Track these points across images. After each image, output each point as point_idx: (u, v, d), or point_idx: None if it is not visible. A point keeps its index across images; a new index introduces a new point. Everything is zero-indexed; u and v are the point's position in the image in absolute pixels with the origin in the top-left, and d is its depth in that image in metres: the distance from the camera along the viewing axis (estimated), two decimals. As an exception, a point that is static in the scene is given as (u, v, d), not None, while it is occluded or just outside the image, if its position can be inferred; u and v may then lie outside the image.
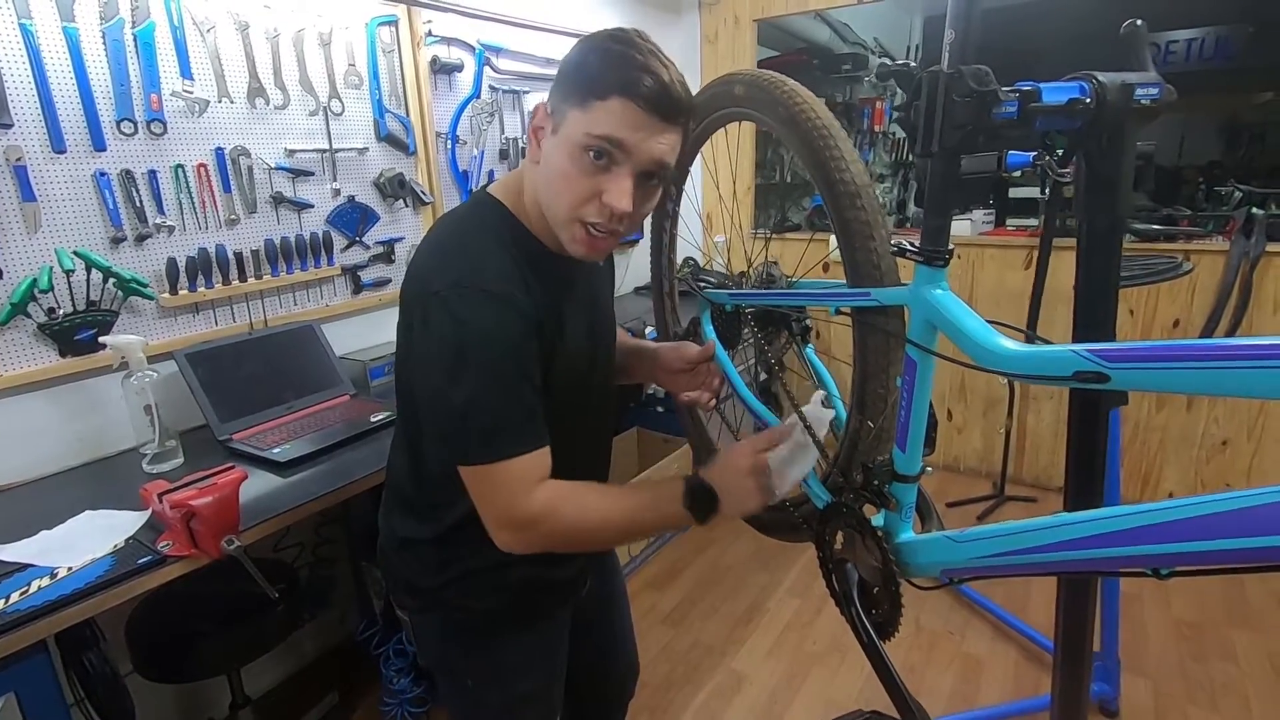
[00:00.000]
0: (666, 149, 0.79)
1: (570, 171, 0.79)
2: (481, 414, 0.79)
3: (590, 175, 0.79)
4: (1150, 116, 0.72)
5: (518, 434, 0.81)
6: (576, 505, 0.84)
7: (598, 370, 0.99)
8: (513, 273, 0.83)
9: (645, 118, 0.76)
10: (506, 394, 0.80)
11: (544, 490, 0.82)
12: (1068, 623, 1.02)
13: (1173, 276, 1.80)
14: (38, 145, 1.42)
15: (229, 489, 1.17)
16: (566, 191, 0.80)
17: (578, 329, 0.92)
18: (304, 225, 1.92)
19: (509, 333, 0.80)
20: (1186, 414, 2.69)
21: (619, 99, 0.75)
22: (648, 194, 0.83)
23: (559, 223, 0.83)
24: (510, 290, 0.81)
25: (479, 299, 0.80)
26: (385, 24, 2.03)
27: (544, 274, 0.87)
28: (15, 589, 1.05)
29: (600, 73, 0.77)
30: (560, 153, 0.80)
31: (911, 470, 0.78)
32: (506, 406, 0.80)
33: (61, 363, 1.50)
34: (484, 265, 0.83)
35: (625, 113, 0.76)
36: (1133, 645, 2.06)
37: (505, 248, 0.85)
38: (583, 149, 0.78)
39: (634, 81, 0.75)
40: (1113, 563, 0.54)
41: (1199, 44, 4.47)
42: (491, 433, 0.80)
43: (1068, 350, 0.56)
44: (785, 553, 2.61)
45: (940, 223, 0.72)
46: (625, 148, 0.77)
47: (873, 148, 4.56)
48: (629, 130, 0.76)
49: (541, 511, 0.82)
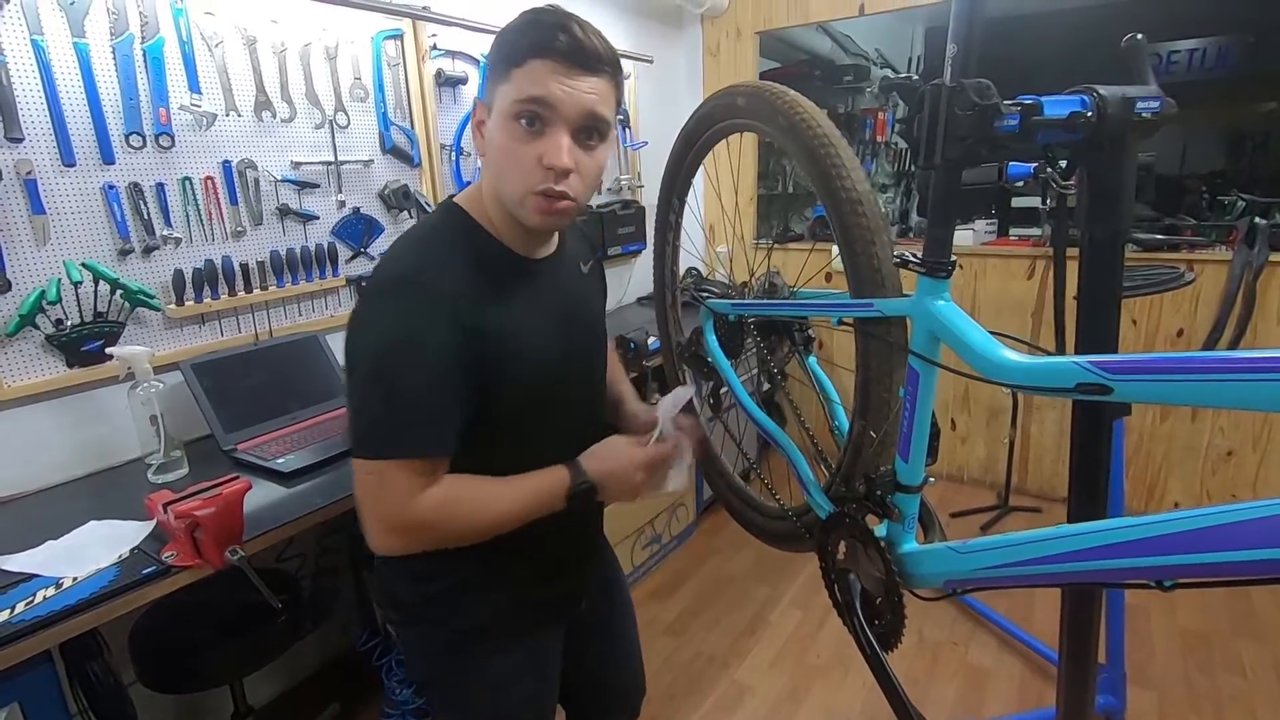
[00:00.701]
0: (595, 98, 0.80)
1: (509, 145, 0.80)
2: (376, 409, 0.78)
3: (528, 143, 0.80)
4: (1151, 129, 0.72)
5: (414, 434, 0.79)
6: (467, 510, 0.84)
7: (571, 370, 0.96)
8: (456, 274, 0.83)
9: (564, 70, 0.77)
10: (408, 393, 0.78)
11: (433, 494, 0.81)
12: (1072, 634, 1.01)
13: (1175, 287, 1.80)
14: (48, 158, 1.44)
15: (233, 499, 1.17)
16: (511, 166, 0.81)
17: (539, 328, 0.90)
18: (309, 237, 1.93)
19: (426, 333, 0.79)
20: (1191, 424, 2.68)
21: (535, 60, 0.77)
22: (590, 151, 0.83)
23: (514, 202, 0.83)
24: (441, 291, 0.81)
25: (404, 297, 0.80)
26: (391, 38, 2.05)
27: (500, 274, 0.87)
28: (21, 599, 1.05)
29: (515, 42, 0.79)
30: (497, 131, 0.81)
31: (914, 480, 0.78)
32: (405, 405, 0.78)
33: (69, 373, 1.51)
34: (423, 265, 0.83)
35: (544, 70, 0.77)
36: (1138, 657, 2.05)
37: (457, 250, 0.85)
38: (514, 118, 0.79)
39: (546, 40, 0.77)
40: (1116, 575, 0.54)
41: (1200, 54, 4.49)
42: (385, 429, 0.78)
43: (1070, 362, 0.57)
44: (788, 564, 2.60)
45: (943, 234, 0.73)
46: (551, 104, 0.78)
47: (875, 158, 4.58)
48: (550, 86, 0.77)
49: (431, 516, 0.81)
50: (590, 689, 1.22)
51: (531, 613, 1.03)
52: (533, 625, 1.04)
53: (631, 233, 3.11)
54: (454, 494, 0.83)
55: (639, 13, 3.08)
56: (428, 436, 0.80)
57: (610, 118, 0.83)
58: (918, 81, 0.69)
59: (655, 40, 3.20)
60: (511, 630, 1.01)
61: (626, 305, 3.24)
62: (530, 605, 1.02)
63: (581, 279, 1.04)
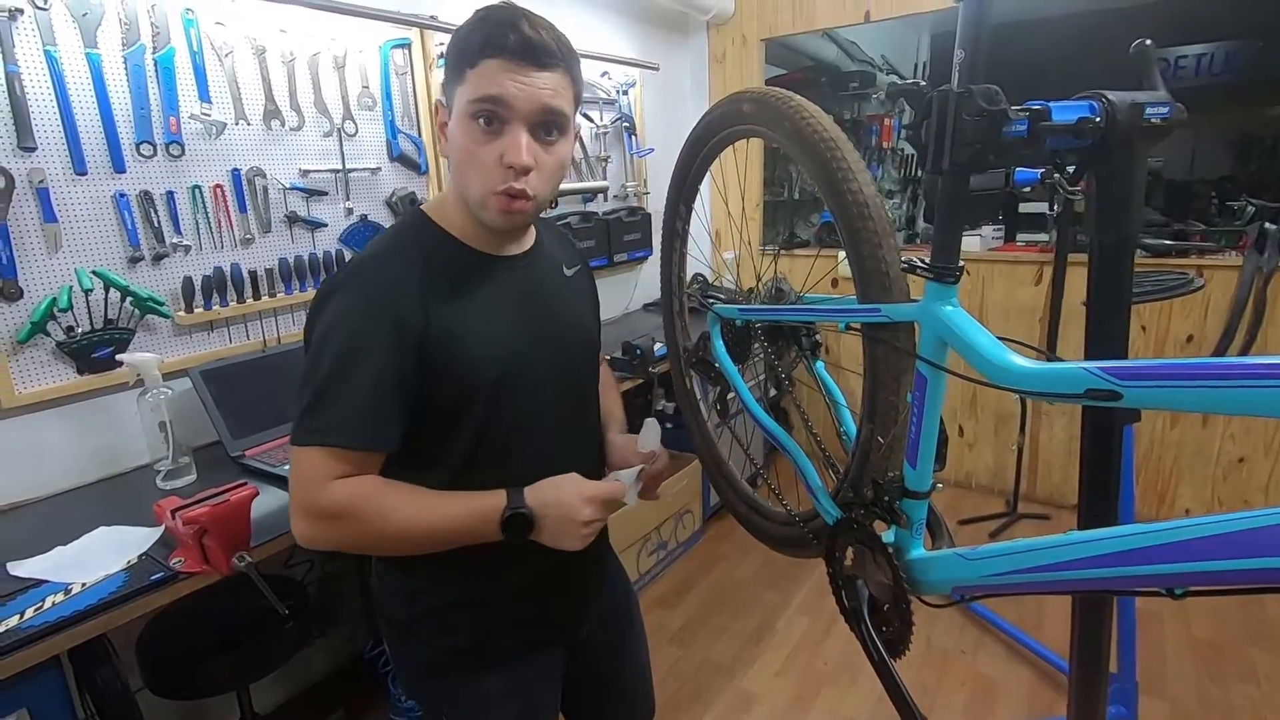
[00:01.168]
0: (549, 93, 0.80)
1: (468, 146, 0.81)
2: (305, 395, 0.80)
3: (487, 143, 0.81)
4: (1160, 135, 0.72)
5: (335, 423, 0.80)
6: (377, 508, 0.81)
7: (543, 363, 0.94)
8: (403, 276, 0.84)
9: (517, 67, 0.78)
10: (335, 384, 0.80)
11: (346, 486, 0.80)
12: (1083, 642, 1.00)
13: (1184, 292, 1.79)
14: (60, 168, 1.45)
15: (241, 505, 1.18)
16: (471, 167, 0.82)
17: (501, 321, 0.90)
18: (317, 244, 1.94)
19: (359, 327, 0.80)
20: (1202, 430, 2.66)
21: (487, 59, 0.78)
22: (549, 147, 0.84)
23: (476, 202, 0.85)
24: (380, 288, 0.82)
25: (344, 289, 0.82)
26: (398, 47, 2.07)
27: (456, 272, 0.87)
28: (30, 605, 1.06)
29: (467, 40, 0.80)
30: (457, 132, 0.82)
31: (922, 487, 0.77)
32: (330, 395, 0.80)
33: (79, 380, 1.52)
34: (370, 265, 0.85)
35: (497, 69, 0.78)
36: (1150, 666, 2.03)
37: (412, 252, 0.86)
38: (471, 119, 0.80)
39: (498, 38, 0.78)
40: (1126, 582, 0.54)
41: (1209, 59, 4.47)
42: (308, 416, 0.80)
43: (1079, 367, 0.56)
44: (795, 571, 2.59)
45: (950, 239, 0.73)
46: (506, 102, 0.79)
47: (881, 164, 4.58)
48: (504, 83, 0.78)
49: (337, 508, 0.80)
50: (596, 714, 1.20)
51: (522, 635, 1.00)
52: (523, 649, 1.01)
53: (638, 239, 3.11)
54: (369, 492, 0.82)
55: (645, 20, 3.09)
56: (345, 428, 0.80)
57: (568, 111, 0.84)
58: (925, 87, 0.69)
59: (661, 48, 3.22)
60: (499, 652, 0.99)
61: (633, 311, 3.25)
62: (521, 627, 1.00)
63: (563, 279, 1.03)
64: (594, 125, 2.83)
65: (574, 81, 0.86)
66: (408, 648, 1.01)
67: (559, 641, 1.07)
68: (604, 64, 2.84)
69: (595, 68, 2.81)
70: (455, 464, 0.89)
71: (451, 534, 0.84)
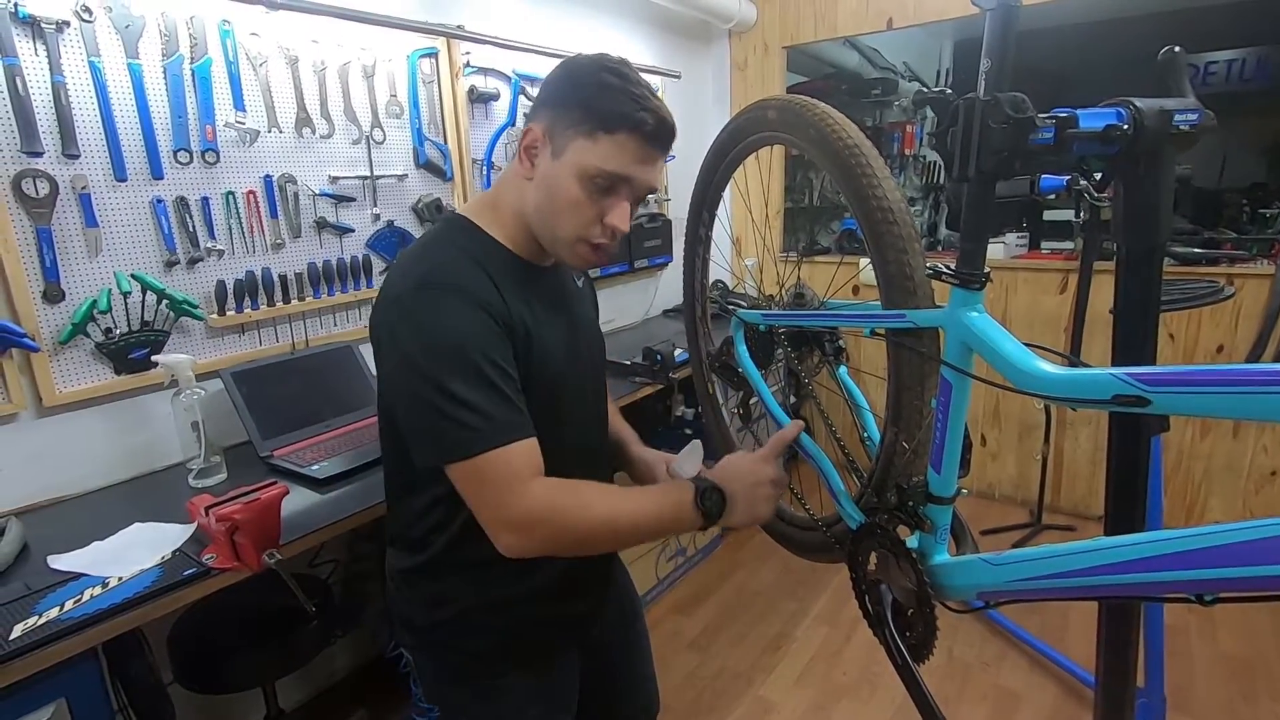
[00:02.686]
0: (658, 175, 0.90)
1: (575, 196, 0.85)
2: (459, 406, 0.77)
3: (596, 202, 0.86)
4: (1189, 142, 0.72)
5: (501, 423, 0.78)
6: (578, 502, 0.80)
7: (580, 369, 0.99)
8: (475, 272, 0.85)
9: (648, 152, 0.85)
10: (482, 384, 0.78)
11: (540, 485, 0.79)
12: (1109, 656, 0.99)
13: (1214, 301, 1.76)
14: (101, 174, 1.50)
15: (271, 504, 1.20)
16: (574, 216, 0.86)
17: (550, 333, 0.92)
18: (345, 249, 1.98)
19: (475, 325, 0.80)
20: (1233, 441, 2.61)
21: (626, 134, 0.82)
22: (636, 211, 0.91)
23: (558, 240, 0.88)
24: (473, 286, 0.83)
25: (441, 294, 0.81)
26: (426, 56, 2.10)
27: (510, 279, 0.89)
28: (69, 597, 1.09)
29: (606, 107, 0.82)
30: (567, 179, 0.84)
31: (946, 492, 0.77)
32: (484, 396, 0.78)
33: (116, 380, 1.56)
34: (445, 266, 0.85)
35: (632, 147, 0.83)
36: (1179, 681, 1.99)
37: (467, 253, 0.87)
38: (589, 178, 0.84)
39: (639, 118, 0.82)
40: (1154, 588, 0.53)
41: (1239, 65, 4.40)
42: (473, 424, 0.77)
43: (1107, 373, 0.56)
44: (814, 579, 2.58)
45: (975, 246, 0.73)
46: (630, 180, 0.85)
47: (903, 171, 4.56)
48: (635, 165, 0.85)
49: (541, 508, 0.78)
50: (608, 713, 1.21)
51: (543, 637, 1.02)
52: (546, 650, 1.03)
53: (658, 245, 3.13)
54: (563, 488, 0.81)
55: (667, 28, 3.11)
56: (518, 421, 0.80)
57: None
58: (951, 95, 0.69)
59: (683, 56, 3.24)
60: (522, 655, 1.01)
61: (653, 317, 3.26)
62: (543, 629, 1.01)
63: (578, 291, 1.08)
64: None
65: None
66: (431, 653, 1.03)
67: (577, 641, 1.09)
68: (626, 72, 2.86)
69: (618, 76, 2.83)
70: None
71: (656, 524, 0.85)
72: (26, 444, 1.46)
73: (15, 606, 1.07)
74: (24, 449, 1.46)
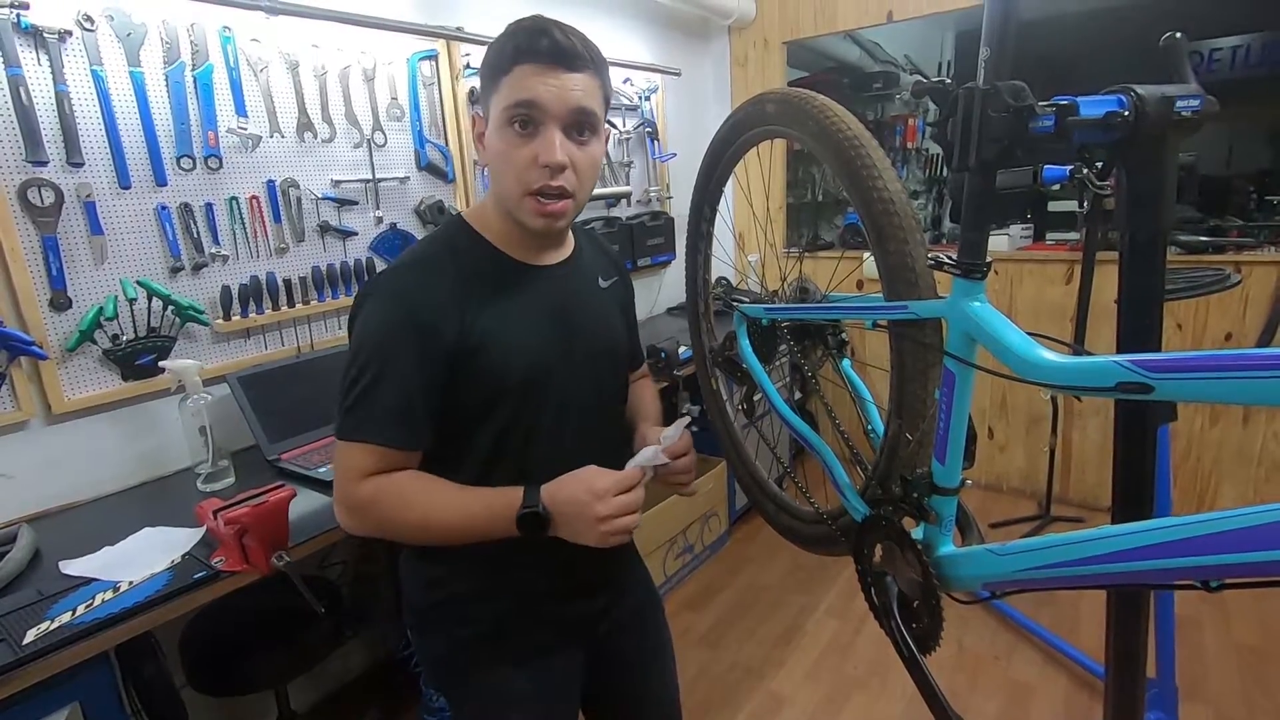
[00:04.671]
0: (580, 93, 0.84)
1: (504, 149, 0.85)
2: (347, 395, 0.86)
3: (521, 145, 0.84)
4: (1192, 129, 0.71)
5: (366, 422, 0.86)
6: (399, 499, 0.86)
7: (571, 371, 0.96)
8: (431, 281, 0.88)
9: (549, 70, 0.82)
10: (369, 386, 0.85)
11: (370, 483, 0.86)
12: (1119, 646, 0.98)
13: (1220, 289, 1.75)
14: (105, 182, 1.51)
15: (279, 506, 1.21)
16: (507, 169, 0.86)
17: (531, 328, 0.93)
18: (348, 252, 1.99)
19: (386, 331, 0.86)
20: (1243, 429, 2.59)
21: (520, 65, 0.83)
22: (583, 146, 0.87)
23: (513, 204, 0.88)
24: (411, 292, 0.87)
25: (379, 295, 0.88)
26: (426, 59, 2.11)
27: (491, 278, 0.91)
28: (81, 602, 1.10)
29: (500, 52, 0.84)
30: (494, 138, 0.86)
31: (951, 483, 0.77)
32: (365, 395, 0.85)
33: (123, 386, 1.57)
34: (397, 270, 0.90)
35: (529, 73, 0.82)
36: (1191, 672, 1.98)
37: (448, 258, 0.91)
38: (507, 124, 0.84)
39: (529, 44, 0.82)
40: (1160, 575, 0.53)
41: (1244, 51, 4.36)
42: (347, 414, 0.86)
43: (1110, 361, 0.56)
44: (823, 573, 2.57)
45: (977, 236, 0.73)
46: (540, 105, 0.83)
47: (905, 164, 4.54)
48: (536, 87, 0.82)
49: (366, 500, 0.86)
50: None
51: (540, 631, 1.01)
52: (542, 646, 1.02)
53: (661, 243, 3.13)
54: (396, 483, 0.87)
55: (666, 26, 3.11)
56: (377, 427, 0.86)
57: (598, 111, 0.88)
58: (951, 85, 0.69)
59: (683, 52, 3.23)
60: (517, 647, 1.00)
61: (657, 315, 3.26)
62: (539, 623, 1.01)
63: (596, 291, 1.05)
64: (617, 131, 2.85)
65: (603, 85, 0.90)
66: (428, 638, 1.04)
67: (577, 641, 1.06)
68: (626, 70, 2.86)
69: (617, 74, 2.83)
70: (479, 462, 0.93)
71: (468, 529, 0.87)
72: (36, 451, 1.48)
73: (28, 612, 1.08)
74: (34, 456, 1.47)
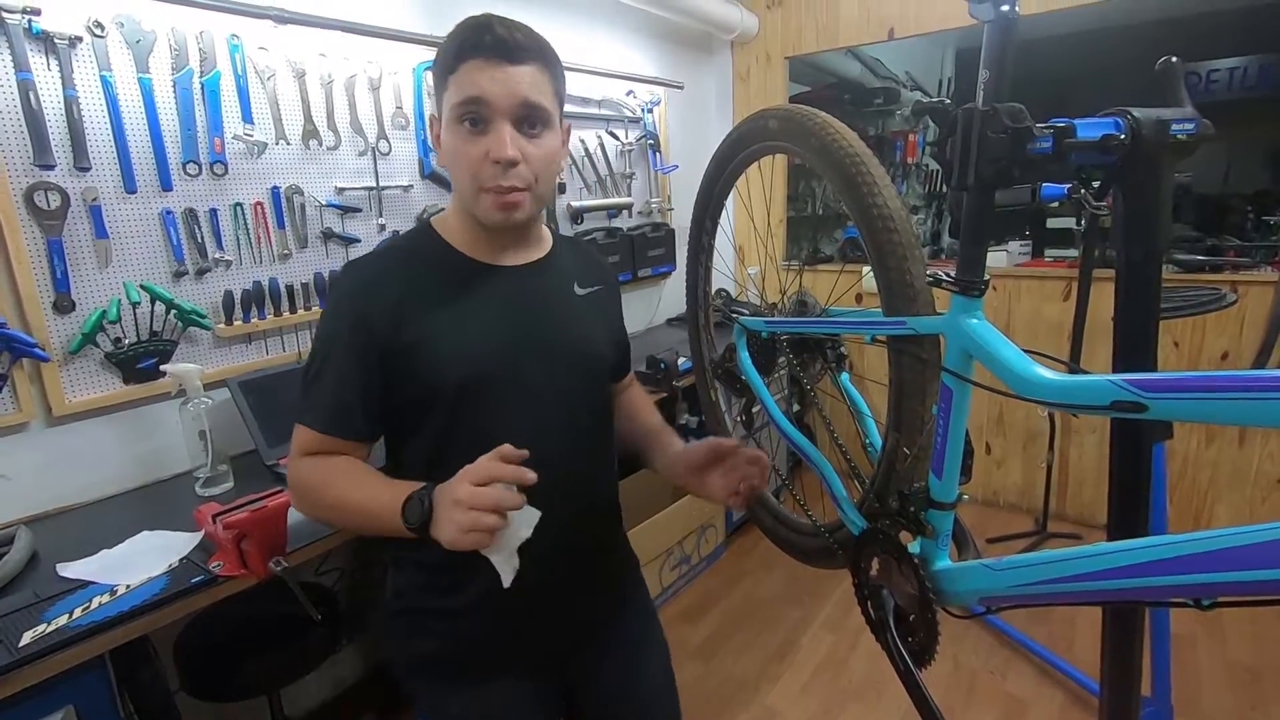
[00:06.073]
0: (527, 86, 0.84)
1: (457, 147, 0.86)
2: (303, 381, 0.92)
3: (473, 143, 0.85)
4: (1187, 151, 0.73)
5: (309, 409, 0.91)
6: (322, 480, 0.89)
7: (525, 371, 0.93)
8: (375, 278, 0.90)
9: (493, 65, 0.82)
10: (315, 374, 0.90)
11: (306, 462, 0.91)
12: (1114, 664, 0.99)
13: (1216, 308, 1.76)
14: (111, 186, 1.52)
15: (278, 511, 1.21)
16: (462, 167, 0.86)
17: (471, 332, 0.90)
18: (351, 259, 1.99)
19: (335, 327, 0.90)
20: (1239, 449, 2.60)
21: (465, 62, 0.83)
22: (534, 139, 0.87)
23: (470, 201, 0.88)
24: (357, 291, 0.90)
25: (334, 290, 0.95)
26: (431, 68, 2.12)
27: (445, 278, 0.92)
28: (78, 605, 1.10)
29: (446, 51, 0.85)
30: (446, 137, 0.87)
31: (948, 498, 0.78)
32: (312, 383, 0.90)
33: (125, 389, 1.58)
34: (351, 270, 0.94)
35: (474, 70, 0.82)
36: (1186, 690, 1.97)
37: (394, 257, 0.94)
38: (457, 122, 0.85)
39: (473, 41, 0.83)
40: (1154, 593, 0.54)
41: (1241, 72, 4.41)
42: (301, 398, 0.92)
43: (1105, 380, 0.57)
44: (819, 587, 2.57)
45: (975, 253, 0.74)
46: (486, 100, 0.83)
47: (905, 180, 4.57)
48: (482, 83, 0.82)
49: (298, 476, 0.91)
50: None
51: (492, 658, 0.97)
52: (494, 673, 0.98)
53: (661, 255, 3.14)
54: (323, 465, 0.90)
55: (669, 40, 3.14)
56: (315, 414, 0.90)
57: (547, 105, 0.87)
58: (950, 105, 0.70)
59: (685, 66, 3.26)
60: (468, 671, 0.98)
61: (656, 326, 3.27)
62: (492, 648, 0.97)
63: (570, 297, 1.01)
64: (619, 142, 2.87)
65: (554, 78, 0.89)
66: (393, 642, 1.02)
67: (537, 675, 1.01)
68: (629, 83, 2.89)
69: (620, 86, 2.86)
70: (421, 466, 0.92)
71: (370, 516, 0.85)
72: (36, 453, 1.48)
73: (24, 614, 1.08)
74: (34, 458, 1.47)
